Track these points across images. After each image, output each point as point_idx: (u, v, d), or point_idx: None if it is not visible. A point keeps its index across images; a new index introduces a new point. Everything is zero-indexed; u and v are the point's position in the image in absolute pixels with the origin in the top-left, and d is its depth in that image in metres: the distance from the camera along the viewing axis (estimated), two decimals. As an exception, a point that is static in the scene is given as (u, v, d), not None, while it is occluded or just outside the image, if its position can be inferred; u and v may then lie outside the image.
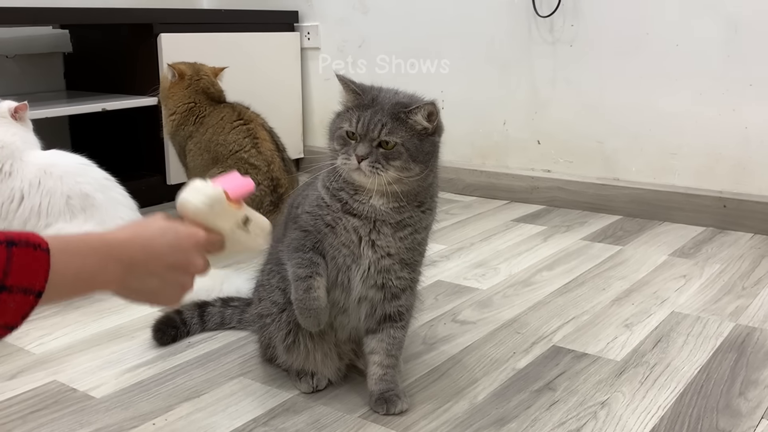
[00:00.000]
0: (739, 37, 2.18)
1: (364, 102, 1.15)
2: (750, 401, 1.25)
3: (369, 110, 1.13)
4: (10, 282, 0.73)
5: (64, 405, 1.24)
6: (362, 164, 1.10)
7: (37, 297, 0.75)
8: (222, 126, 2.17)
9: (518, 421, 1.19)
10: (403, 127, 1.12)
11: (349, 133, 1.14)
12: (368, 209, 1.16)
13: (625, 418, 1.20)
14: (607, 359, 1.41)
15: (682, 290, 1.76)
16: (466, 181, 2.76)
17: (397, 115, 1.12)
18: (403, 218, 1.17)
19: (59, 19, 2.57)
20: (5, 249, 0.73)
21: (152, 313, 1.58)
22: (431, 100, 1.13)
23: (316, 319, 1.19)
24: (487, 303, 1.70)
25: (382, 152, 1.11)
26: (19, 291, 0.73)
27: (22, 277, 0.74)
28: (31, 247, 0.75)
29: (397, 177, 1.12)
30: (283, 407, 1.23)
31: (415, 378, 1.34)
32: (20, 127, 1.82)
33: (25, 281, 0.74)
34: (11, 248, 0.73)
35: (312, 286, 1.17)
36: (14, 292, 0.73)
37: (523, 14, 2.54)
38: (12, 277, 0.73)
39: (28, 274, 0.74)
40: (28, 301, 0.74)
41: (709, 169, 2.31)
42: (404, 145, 1.11)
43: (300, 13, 3.08)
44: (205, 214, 0.94)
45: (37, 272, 0.75)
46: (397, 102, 1.14)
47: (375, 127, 1.11)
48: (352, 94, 1.17)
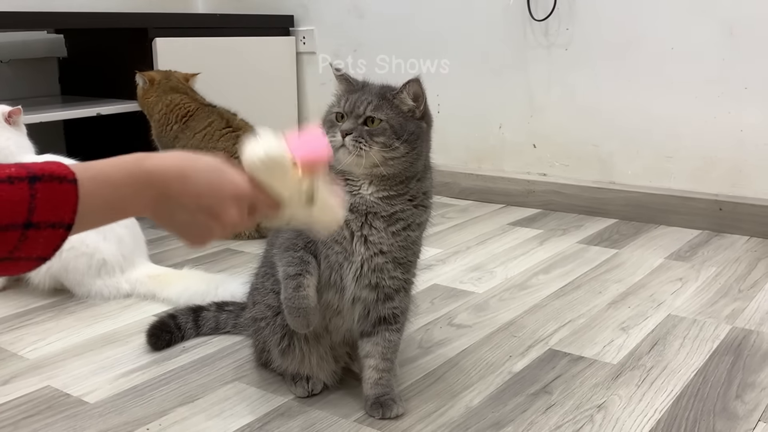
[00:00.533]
0: (734, 41, 2.19)
1: (354, 87, 1.19)
2: (747, 404, 1.25)
3: (357, 92, 1.17)
4: (37, 218, 0.72)
5: (57, 410, 1.23)
6: (346, 139, 1.12)
7: (67, 229, 0.74)
8: (211, 134, 2.18)
9: (514, 424, 1.19)
10: (389, 105, 1.15)
11: (337, 115, 1.16)
12: (359, 201, 1.16)
13: (622, 422, 1.19)
14: (603, 362, 1.40)
15: (679, 293, 1.76)
16: (462, 185, 2.76)
17: (383, 94, 1.16)
18: (395, 211, 1.17)
19: (54, 23, 2.57)
20: (28, 185, 0.72)
21: (146, 318, 1.57)
22: (416, 77, 1.15)
23: (305, 318, 1.17)
24: (484, 306, 1.69)
25: (366, 129, 1.13)
26: (47, 226, 0.73)
27: (49, 213, 0.72)
28: (56, 180, 0.73)
29: (382, 157, 1.13)
30: (277, 412, 1.22)
31: (411, 382, 1.33)
32: (14, 132, 1.81)
33: (52, 216, 0.73)
34: (35, 184, 0.72)
35: (301, 284, 1.17)
36: (42, 228, 0.72)
37: (518, 18, 2.54)
38: (38, 214, 0.72)
39: (54, 208, 0.73)
40: (57, 234, 0.74)
41: (704, 172, 2.31)
42: (389, 122, 1.14)
43: (295, 17, 3.08)
44: (259, 172, 0.86)
45: (64, 206, 0.73)
46: (384, 85, 1.19)
47: (361, 104, 1.14)
48: (345, 83, 1.20)
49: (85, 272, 1.71)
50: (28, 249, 0.73)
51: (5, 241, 0.71)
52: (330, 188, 0.90)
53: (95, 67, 2.77)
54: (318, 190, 0.88)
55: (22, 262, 0.75)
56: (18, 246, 0.72)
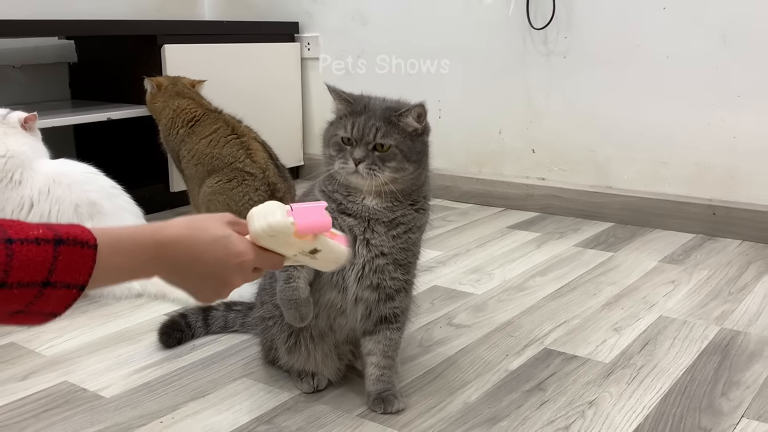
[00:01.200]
0: (727, 50, 2.25)
1: (357, 109, 1.21)
2: (732, 401, 1.31)
3: (362, 116, 1.19)
4: (55, 278, 0.77)
5: (75, 404, 1.30)
6: (359, 167, 1.17)
7: (80, 290, 0.80)
8: (216, 140, 2.24)
9: (509, 419, 1.25)
10: (396, 129, 1.19)
11: (344, 139, 1.20)
12: (362, 208, 1.22)
13: (612, 417, 1.25)
14: (596, 361, 1.46)
15: (671, 295, 1.82)
16: (462, 189, 2.82)
17: (389, 118, 1.19)
18: (396, 216, 1.23)
19: (66, 31, 2.63)
20: (53, 248, 0.77)
21: (158, 317, 1.64)
22: (420, 102, 1.20)
23: (297, 311, 1.21)
24: (482, 307, 1.75)
25: (377, 155, 1.17)
26: (62, 286, 0.78)
27: (67, 274, 0.78)
28: (79, 245, 0.79)
29: (393, 177, 1.18)
30: (284, 406, 1.29)
31: (411, 379, 1.39)
32: (30, 137, 1.87)
33: (69, 278, 0.78)
34: (59, 247, 0.78)
35: (291, 276, 1.21)
36: (58, 287, 0.78)
37: (517, 27, 2.61)
38: (57, 274, 0.77)
39: (73, 271, 0.78)
40: (71, 294, 0.79)
41: (698, 178, 2.37)
42: (398, 146, 1.18)
43: (300, 24, 3.14)
44: (264, 241, 0.93)
45: (82, 269, 0.79)
46: (387, 107, 1.21)
47: (370, 131, 1.17)
48: (344, 103, 1.23)
49: (98, 273, 1.77)
50: (41, 305, 0.79)
51: (22, 296, 0.77)
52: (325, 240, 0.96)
53: (105, 72, 2.84)
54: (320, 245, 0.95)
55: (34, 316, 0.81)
56: (33, 302, 0.78)
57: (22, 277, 0.76)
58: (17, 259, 0.76)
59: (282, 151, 2.44)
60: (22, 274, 0.76)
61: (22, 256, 0.76)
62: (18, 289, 0.76)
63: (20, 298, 0.77)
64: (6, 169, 1.80)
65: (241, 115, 2.41)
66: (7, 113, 1.86)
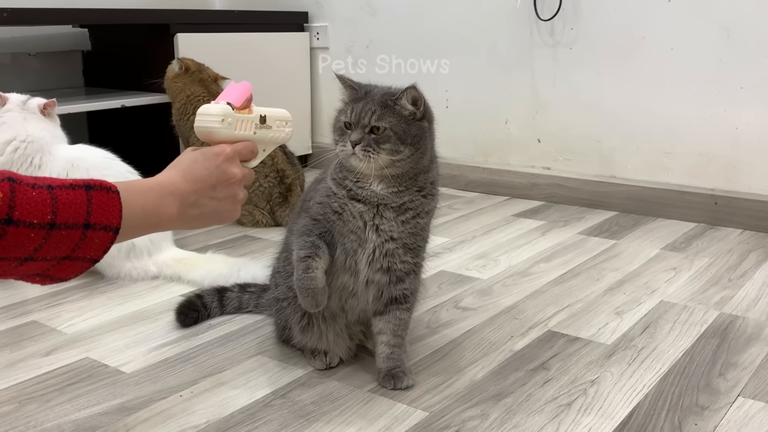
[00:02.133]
0: (731, 42, 2.29)
1: (359, 95, 1.26)
2: (729, 381, 1.36)
3: (362, 102, 1.24)
4: (94, 220, 0.85)
5: (97, 378, 1.35)
6: (356, 149, 1.21)
7: (115, 233, 0.88)
8: None
9: (514, 396, 1.30)
10: (391, 113, 1.23)
11: (346, 124, 1.25)
12: (370, 194, 1.26)
13: (612, 395, 1.30)
14: (598, 343, 1.51)
15: (672, 281, 1.86)
16: (468, 178, 2.86)
17: (385, 102, 1.23)
18: (404, 202, 1.27)
19: (81, 19, 2.68)
20: (85, 192, 0.85)
21: (173, 298, 1.69)
22: (412, 84, 1.24)
23: (313, 299, 1.26)
24: (488, 291, 1.80)
25: (373, 137, 1.22)
26: (100, 228, 0.86)
27: (102, 216, 0.86)
28: (105, 189, 0.87)
29: (389, 160, 1.22)
30: (298, 382, 1.34)
31: (419, 358, 1.45)
32: (49, 123, 1.92)
33: (104, 219, 0.86)
34: (90, 191, 0.86)
35: (310, 266, 1.26)
36: (97, 229, 0.85)
37: (525, 18, 2.64)
38: (94, 216, 0.85)
39: (106, 213, 0.86)
40: (108, 236, 0.87)
41: (701, 168, 2.41)
42: (392, 129, 1.22)
43: (310, 13, 3.18)
44: (220, 131, 1.07)
45: (113, 211, 0.87)
46: (385, 92, 1.25)
47: (366, 115, 1.22)
48: (349, 90, 1.28)
49: (115, 255, 1.82)
50: (85, 249, 0.86)
51: (70, 238, 0.84)
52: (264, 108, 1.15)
53: (118, 60, 2.89)
54: (265, 111, 1.13)
55: (78, 263, 0.87)
56: (78, 245, 0.85)
57: (68, 218, 0.83)
58: (61, 201, 0.83)
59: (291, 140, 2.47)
60: (66, 215, 0.83)
61: (64, 199, 0.83)
62: (66, 230, 0.83)
63: (68, 240, 0.84)
64: (26, 153, 1.85)
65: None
66: (27, 99, 1.91)
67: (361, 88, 1.27)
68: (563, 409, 1.25)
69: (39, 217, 0.81)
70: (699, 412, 1.25)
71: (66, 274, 0.89)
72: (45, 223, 0.81)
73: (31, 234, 0.81)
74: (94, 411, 1.24)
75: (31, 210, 0.80)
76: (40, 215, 0.81)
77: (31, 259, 0.83)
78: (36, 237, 0.81)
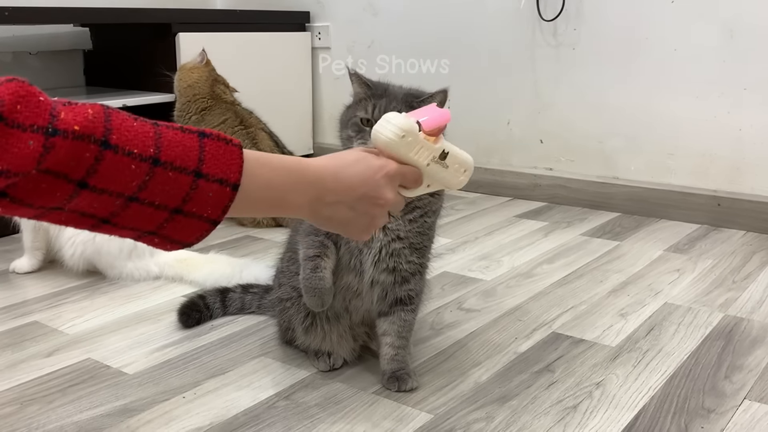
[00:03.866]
0: (735, 43, 2.28)
1: (377, 92, 1.23)
2: (734, 384, 1.35)
3: (383, 99, 1.21)
4: (206, 170, 0.73)
5: (99, 380, 1.34)
6: None
7: (234, 190, 0.75)
8: (224, 130, 2.29)
9: (519, 398, 1.29)
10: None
11: (364, 120, 1.22)
12: None
13: (618, 398, 1.29)
14: (602, 345, 1.51)
15: (676, 283, 1.86)
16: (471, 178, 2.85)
17: (410, 103, 1.20)
18: (412, 200, 1.26)
19: (82, 18, 2.67)
20: (198, 138, 0.74)
21: (176, 298, 1.69)
22: (443, 88, 1.21)
23: (320, 299, 1.26)
24: (491, 293, 1.80)
25: None
26: (215, 180, 0.74)
27: (217, 167, 0.74)
28: (223, 141, 0.76)
29: None
30: (302, 384, 1.33)
31: (423, 359, 1.44)
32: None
33: (219, 171, 0.74)
34: (203, 139, 0.75)
35: (318, 266, 1.26)
36: (210, 180, 0.74)
37: (527, 18, 2.64)
38: (207, 165, 0.73)
39: (222, 164, 0.75)
40: (225, 192, 0.75)
41: (704, 169, 2.41)
42: None
43: (311, 13, 3.18)
44: (396, 146, 0.94)
45: (231, 164, 0.75)
46: (408, 92, 1.23)
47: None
48: (364, 87, 1.25)
49: (117, 255, 1.82)
50: (198, 203, 0.73)
51: (178, 183, 0.72)
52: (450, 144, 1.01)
53: (119, 60, 2.88)
54: (450, 148, 1.00)
55: (194, 221, 0.75)
56: (190, 195, 0.73)
57: (174, 158, 0.72)
58: (165, 138, 0.72)
59: (292, 140, 2.49)
60: (173, 154, 0.72)
61: (170, 137, 0.73)
62: (172, 172, 0.72)
63: (176, 185, 0.72)
64: (27, 153, 1.84)
65: (251, 103, 2.45)
66: (28, 98, 1.89)
67: (377, 86, 1.25)
68: (569, 411, 1.24)
69: (140, 148, 0.70)
70: (705, 415, 1.24)
71: (184, 235, 0.76)
72: (147, 156, 0.70)
73: (132, 165, 0.69)
74: (97, 412, 1.23)
75: (130, 138, 0.70)
76: (142, 146, 0.70)
77: (137, 200, 0.71)
78: (138, 171, 0.70)
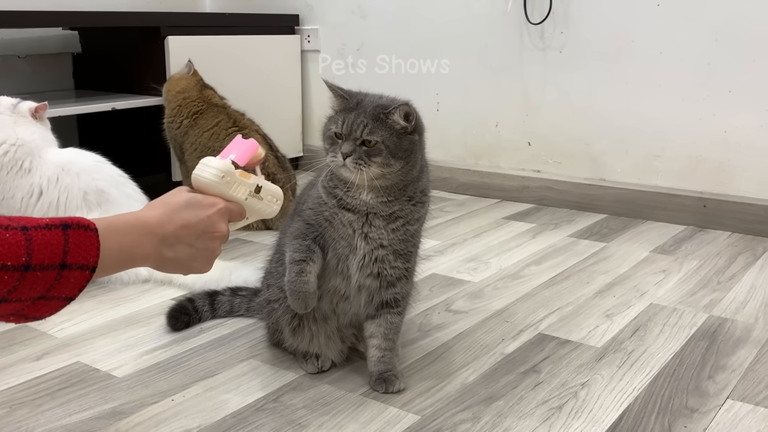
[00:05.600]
0: (720, 46, 2.30)
1: (350, 106, 1.25)
2: (718, 384, 1.37)
3: (353, 113, 1.24)
4: (70, 260, 0.84)
5: (88, 383, 1.35)
6: (347, 161, 1.21)
7: (92, 272, 0.86)
8: (218, 133, 2.30)
9: (505, 399, 1.30)
10: (383, 126, 1.22)
11: (336, 134, 1.24)
12: (360, 203, 1.26)
13: (603, 397, 1.31)
14: (588, 345, 1.52)
15: (661, 284, 1.88)
16: (459, 180, 2.87)
17: (377, 116, 1.22)
18: (394, 211, 1.27)
19: (71, 21, 2.67)
20: (62, 232, 0.84)
21: (165, 301, 1.69)
22: (405, 101, 1.24)
23: (303, 301, 1.28)
24: (479, 294, 1.81)
25: (364, 150, 1.21)
26: (77, 267, 0.85)
27: (79, 255, 0.85)
28: (83, 228, 0.87)
29: (380, 172, 1.23)
30: (290, 386, 1.34)
31: (411, 361, 1.45)
32: (39, 126, 1.92)
33: (81, 259, 0.85)
34: (67, 230, 0.85)
35: (304, 270, 1.27)
36: (74, 269, 0.84)
37: (515, 21, 2.66)
38: (71, 256, 0.84)
39: (83, 252, 0.85)
40: (84, 275, 0.86)
41: (690, 171, 2.43)
42: (384, 143, 1.21)
43: (300, 16, 3.19)
44: (217, 186, 1.07)
45: (90, 250, 0.86)
46: (377, 104, 1.24)
47: (357, 128, 1.22)
48: (340, 99, 1.27)
49: (106, 259, 1.82)
50: (60, 288, 0.85)
51: (45, 279, 0.83)
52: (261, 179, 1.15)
53: (108, 63, 2.88)
54: (262, 182, 1.13)
55: (53, 302, 0.86)
56: (54, 285, 0.84)
57: (43, 259, 0.82)
58: (36, 242, 0.82)
59: (282, 142, 2.49)
60: (42, 256, 0.82)
61: (40, 240, 0.82)
62: (41, 271, 0.82)
63: (43, 281, 0.83)
64: (16, 157, 1.84)
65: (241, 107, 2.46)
66: (17, 102, 1.90)
67: (351, 98, 1.27)
68: (554, 412, 1.26)
69: (13, 260, 0.79)
70: (689, 414, 1.26)
71: (41, 313, 0.87)
72: (19, 265, 0.80)
73: (4, 276, 0.79)
74: (86, 416, 1.23)
75: (4, 252, 0.79)
76: (14, 257, 0.79)
77: (4, 301, 0.81)
78: (10, 279, 0.80)
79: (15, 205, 1.83)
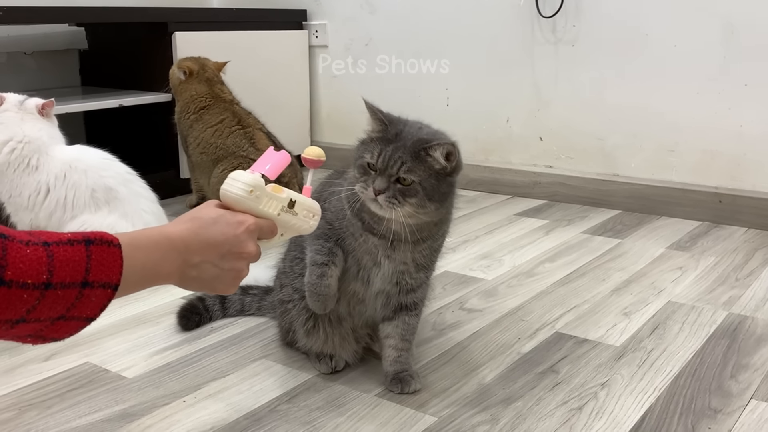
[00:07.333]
0: (735, 39, 2.27)
1: (388, 136, 1.16)
2: (741, 383, 1.34)
3: (391, 145, 1.14)
4: (92, 278, 0.80)
5: (98, 384, 1.33)
6: (379, 197, 1.13)
7: (114, 290, 0.82)
8: (221, 131, 2.27)
9: (524, 400, 1.28)
10: (422, 165, 1.14)
11: (370, 165, 1.16)
12: (387, 231, 1.20)
13: (624, 398, 1.28)
14: (606, 344, 1.49)
15: (679, 281, 1.84)
16: (470, 176, 2.84)
17: (417, 152, 1.13)
18: (422, 236, 1.22)
19: (77, 17, 2.65)
20: (85, 248, 0.80)
21: (175, 301, 1.67)
22: (452, 141, 1.16)
23: (323, 303, 1.26)
24: (493, 292, 1.78)
25: (399, 188, 1.13)
26: (99, 286, 0.80)
27: (102, 273, 0.80)
28: (106, 244, 0.82)
29: (413, 212, 1.15)
30: (304, 386, 1.32)
31: (426, 361, 1.42)
32: (46, 123, 1.89)
33: (104, 276, 0.81)
34: (89, 246, 0.80)
35: (326, 273, 1.25)
36: (96, 287, 0.80)
37: (526, 15, 2.62)
38: (93, 274, 0.80)
39: (106, 269, 0.81)
40: (106, 294, 0.81)
41: (705, 166, 2.39)
42: (421, 183, 1.13)
43: (309, 11, 3.16)
44: (246, 201, 0.99)
45: (113, 267, 0.81)
46: (418, 139, 1.15)
47: (395, 164, 1.13)
48: (379, 124, 1.18)
49: (114, 257, 1.79)
50: (81, 308, 0.80)
51: (65, 298, 0.78)
52: (296, 193, 1.06)
53: (115, 59, 2.86)
54: (296, 197, 1.05)
55: (73, 322, 0.81)
56: (74, 304, 0.79)
57: (64, 277, 0.77)
58: (57, 259, 0.77)
59: (289, 139, 2.46)
60: (63, 274, 0.77)
61: (61, 257, 0.78)
62: (62, 290, 0.77)
63: (64, 300, 0.78)
64: (23, 154, 1.82)
65: (249, 102, 2.43)
66: (24, 99, 1.88)
67: (391, 125, 1.17)
68: (574, 413, 1.23)
69: (33, 277, 0.75)
70: (712, 415, 1.23)
71: (60, 334, 0.82)
72: (40, 283, 0.76)
73: (24, 295, 0.75)
74: (96, 418, 1.21)
75: (24, 269, 0.74)
76: (35, 275, 0.75)
77: (23, 321, 0.77)
78: (29, 298, 0.75)
79: (22, 202, 1.81)
